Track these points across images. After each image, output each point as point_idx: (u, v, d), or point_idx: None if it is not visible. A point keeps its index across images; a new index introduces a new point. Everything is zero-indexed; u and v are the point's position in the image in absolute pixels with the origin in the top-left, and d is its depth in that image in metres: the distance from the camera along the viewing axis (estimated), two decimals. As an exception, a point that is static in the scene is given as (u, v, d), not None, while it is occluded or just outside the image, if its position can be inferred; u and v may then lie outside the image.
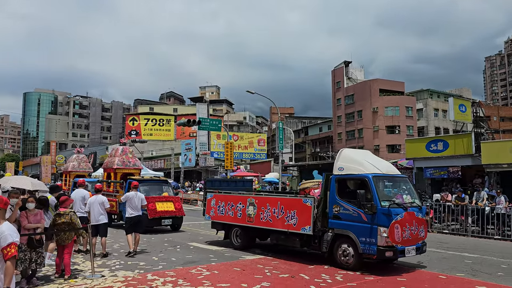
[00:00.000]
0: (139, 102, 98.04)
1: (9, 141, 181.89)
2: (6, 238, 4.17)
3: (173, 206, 15.08)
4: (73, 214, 8.33)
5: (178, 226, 15.50)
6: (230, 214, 11.35)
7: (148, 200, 13.60)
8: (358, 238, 8.57)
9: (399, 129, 54.89)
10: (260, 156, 57.34)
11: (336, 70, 64.51)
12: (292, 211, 9.66)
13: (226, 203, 11.52)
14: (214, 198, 12.08)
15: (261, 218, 10.38)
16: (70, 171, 22.81)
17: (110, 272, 8.48)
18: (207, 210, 12.26)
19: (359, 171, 9.01)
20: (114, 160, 17.46)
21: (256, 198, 10.85)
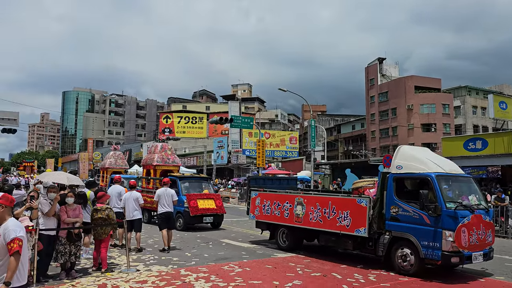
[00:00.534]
0: (173, 100, 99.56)
1: (49, 138, 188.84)
2: (9, 234, 4.25)
3: (214, 204, 14.90)
4: (110, 209, 8.57)
5: (219, 224, 15.28)
6: (277, 213, 10.89)
7: (189, 198, 14.14)
8: (420, 242, 7.98)
9: (435, 127, 53.44)
10: (292, 154, 57.13)
11: (370, 67, 63.41)
12: (345, 212, 9.15)
13: (272, 202, 11.07)
14: (259, 196, 11.66)
15: (310, 218, 9.90)
16: (107, 168, 23.32)
17: (145, 266, 8.67)
18: (252, 209, 11.83)
19: (420, 169, 8.38)
20: (154, 157, 17.40)
21: (304, 197, 10.32)
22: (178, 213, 14.40)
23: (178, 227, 14.21)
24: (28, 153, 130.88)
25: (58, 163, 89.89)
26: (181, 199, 14.21)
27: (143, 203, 10.91)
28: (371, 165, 30.46)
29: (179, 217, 14.51)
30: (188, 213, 14.06)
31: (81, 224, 7.91)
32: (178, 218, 14.47)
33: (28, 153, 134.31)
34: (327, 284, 7.47)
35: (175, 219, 14.11)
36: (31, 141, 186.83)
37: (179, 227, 14.35)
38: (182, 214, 14.38)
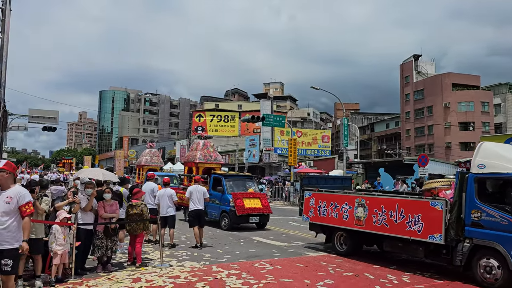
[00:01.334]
0: (205, 99, 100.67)
1: (87, 136, 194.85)
2: (24, 197, 4.85)
3: (260, 203, 14.40)
4: (144, 206, 8.78)
5: (264, 224, 14.74)
6: (334, 215, 10.03)
7: (235, 196, 13.91)
8: (509, 252, 7.00)
9: (474, 125, 51.71)
10: (324, 153, 56.63)
11: (405, 64, 62.01)
12: (416, 216, 8.19)
13: (329, 203, 10.24)
14: (313, 197, 10.81)
15: (374, 221, 8.98)
16: (143, 165, 23.61)
17: (178, 262, 8.82)
18: (305, 210, 10.99)
19: (508, 169, 7.38)
20: (196, 154, 17.00)
21: (367, 198, 9.37)
22: (223, 212, 14.25)
23: (224, 227, 14.07)
24: (67, 151, 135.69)
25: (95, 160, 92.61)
26: (226, 198, 14.17)
27: (177, 200, 11.09)
28: (405, 165, 29.83)
29: (224, 217, 14.24)
30: (234, 213, 13.71)
31: (117, 219, 8.15)
32: (223, 217, 14.28)
33: (67, 150, 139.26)
34: (359, 284, 7.38)
35: (220, 219, 14.23)
36: (70, 139, 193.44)
37: (224, 226, 14.10)
38: (227, 213, 14.03)
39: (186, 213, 14.86)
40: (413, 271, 8.53)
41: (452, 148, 51.10)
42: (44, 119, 30.36)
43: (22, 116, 32.01)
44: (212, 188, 14.90)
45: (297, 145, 31.21)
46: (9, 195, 4.80)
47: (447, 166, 31.31)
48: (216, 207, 14.66)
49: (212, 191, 14.65)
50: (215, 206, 14.68)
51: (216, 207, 14.66)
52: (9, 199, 4.78)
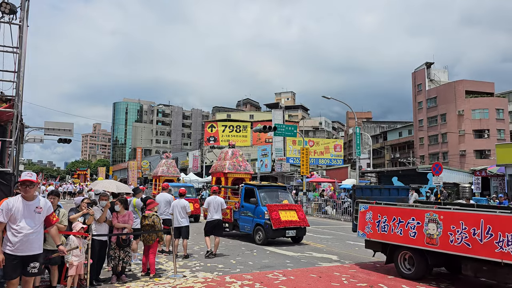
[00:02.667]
0: (217, 109, 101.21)
1: (101, 148, 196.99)
2: (51, 208, 5.44)
3: (296, 216, 13.52)
4: (156, 217, 8.85)
5: (300, 238, 13.82)
6: (398, 232, 8.75)
7: (271, 209, 13.09)
8: None
9: (489, 133, 51.05)
10: (337, 162, 56.34)
11: (417, 72, 61.65)
12: (510, 235, 7.03)
13: (390, 218, 8.99)
14: (370, 210, 9.64)
15: (451, 240, 7.67)
16: (160, 176, 23.53)
17: (191, 272, 8.86)
18: (360, 225, 9.81)
19: None
20: (225, 163, 16.13)
21: (440, 213, 8.04)
22: (257, 225, 13.38)
23: (258, 241, 13.23)
24: (82, 162, 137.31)
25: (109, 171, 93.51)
26: (261, 210, 13.34)
27: (190, 212, 11.15)
28: (419, 173, 29.57)
29: (259, 230, 13.29)
30: (270, 226, 12.82)
31: (130, 229, 8.23)
32: (257, 231, 13.37)
33: (81, 161, 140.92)
34: (373, 294, 7.32)
35: (254, 233, 13.47)
36: (84, 150, 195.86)
37: (259, 241, 13.21)
38: (262, 227, 13.12)
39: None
40: (428, 281, 8.43)
41: (467, 156, 50.46)
42: (59, 131, 30.77)
43: (38, 128, 32.52)
44: (244, 200, 14.21)
45: (309, 155, 31.15)
46: (38, 206, 5.22)
47: (462, 174, 30.94)
48: (249, 220, 13.84)
49: (244, 203, 14.13)
50: (248, 219, 13.90)
51: (249, 220, 13.84)
52: (39, 209, 5.21)
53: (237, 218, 14.41)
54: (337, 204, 25.87)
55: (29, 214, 5.11)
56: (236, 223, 14.50)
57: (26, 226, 5.04)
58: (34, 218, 5.13)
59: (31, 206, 5.14)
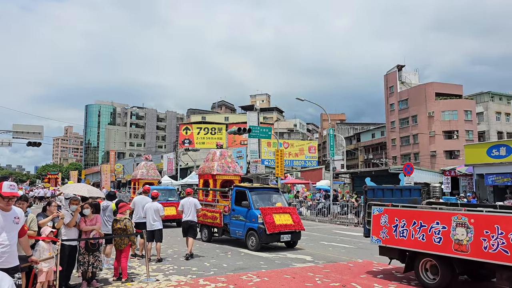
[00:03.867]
0: (192, 112, 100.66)
1: (72, 151, 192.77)
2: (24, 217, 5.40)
3: (291, 219, 12.82)
4: (128, 220, 8.72)
5: (295, 243, 13.20)
6: (419, 237, 7.92)
7: (264, 212, 12.40)
8: None
9: (457, 134, 52.53)
10: (311, 164, 56.86)
11: (389, 74, 62.93)
12: None
13: (410, 222, 8.15)
14: (385, 213, 8.74)
15: (485, 247, 6.87)
16: (139, 179, 22.40)
17: (164, 276, 8.76)
18: (374, 230, 8.92)
19: None
20: (213, 165, 15.26)
21: (471, 216, 7.23)
22: (250, 230, 12.60)
23: (251, 247, 12.48)
24: (53, 166, 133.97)
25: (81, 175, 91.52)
26: (254, 214, 12.57)
27: (163, 215, 11.04)
28: (391, 174, 30.14)
29: (252, 235, 12.53)
30: (264, 231, 12.09)
31: (99, 233, 8.08)
32: (250, 236, 12.60)
33: (52, 165, 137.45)
34: (346, 294, 7.41)
35: (247, 238, 12.72)
36: (56, 154, 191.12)
37: (252, 246, 12.46)
38: (255, 231, 12.36)
39: (202, 232, 14.51)
40: (399, 280, 8.60)
41: (437, 157, 51.78)
42: (28, 134, 29.99)
43: (6, 131, 31.59)
44: (235, 203, 13.45)
45: (284, 156, 31.31)
46: (16, 216, 4.94)
47: (432, 174, 31.70)
48: (241, 224, 13.03)
49: (235, 206, 13.39)
50: (240, 223, 13.10)
51: (241, 224, 13.03)
52: (17, 220, 4.94)
53: (227, 223, 13.60)
54: (311, 205, 26.09)
55: (9, 225, 4.84)
56: (227, 227, 13.70)
57: (7, 238, 4.76)
58: (13, 229, 4.87)
59: (9, 216, 4.88)
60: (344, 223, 22.20)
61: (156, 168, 25.18)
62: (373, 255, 10.79)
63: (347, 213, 23.21)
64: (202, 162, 16.20)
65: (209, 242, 14.05)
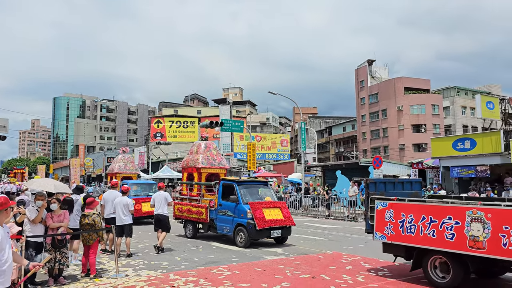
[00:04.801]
0: (164, 105, 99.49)
1: (40, 145, 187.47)
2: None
3: (281, 214, 12.30)
4: (97, 216, 8.57)
5: (285, 238, 12.69)
6: (429, 233, 7.44)
7: (253, 207, 11.87)
8: None
9: (425, 127, 53.91)
10: (283, 157, 57.28)
11: (360, 69, 63.86)
12: None
13: (418, 217, 7.65)
14: (390, 208, 8.23)
15: (504, 243, 6.43)
16: (116, 173, 21.12)
17: (134, 271, 8.68)
18: (378, 226, 8.36)
19: None
20: (198, 157, 14.45)
21: (488, 210, 6.74)
22: (238, 226, 12.06)
23: (240, 243, 11.96)
24: (19, 160, 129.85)
25: (49, 170, 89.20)
26: (243, 209, 11.99)
27: (133, 210, 10.89)
28: (361, 167, 30.68)
29: (240, 231, 11.99)
30: (253, 226, 11.57)
31: (66, 229, 7.92)
32: (239, 232, 12.06)
33: (19, 160, 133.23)
34: (315, 285, 7.53)
35: (235, 234, 12.18)
36: (22, 147, 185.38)
37: (241, 243, 11.94)
38: (245, 227, 11.80)
39: (187, 228, 14.11)
40: (367, 270, 8.80)
41: (406, 150, 53.02)
42: (-8, 127, 28.97)
43: (-32, 125, 30.41)
44: (222, 198, 12.85)
45: (256, 150, 31.40)
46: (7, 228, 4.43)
47: (401, 167, 32.47)
48: (229, 220, 12.46)
49: (222, 201, 12.79)
50: (228, 218, 12.52)
51: (229, 220, 12.46)
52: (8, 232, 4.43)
53: (213, 218, 13.00)
54: (283, 198, 26.31)
55: (7, 239, 4.28)
56: (213, 223, 13.10)
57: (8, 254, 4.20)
58: (8, 243, 4.30)
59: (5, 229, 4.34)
60: (315, 216, 22.50)
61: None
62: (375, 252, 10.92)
63: (318, 205, 23.52)
64: (186, 155, 15.24)
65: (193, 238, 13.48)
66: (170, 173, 39.85)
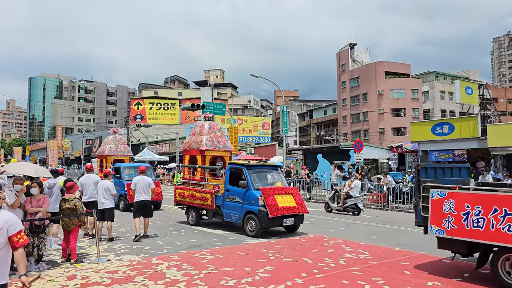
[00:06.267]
0: (144, 86, 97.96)
1: (15, 126, 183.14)
2: (16, 226, 3.93)
3: (293, 201, 11.52)
4: (78, 200, 8.42)
5: (296, 227, 11.95)
6: (503, 229, 6.40)
7: (265, 193, 11.05)
8: None
9: (405, 111, 54.60)
10: (265, 140, 57.36)
11: (341, 52, 63.92)
12: None
13: (489, 209, 6.58)
14: (450, 198, 7.15)
15: None
16: (107, 155, 19.40)
17: (116, 256, 8.59)
18: (434, 218, 7.33)
19: None
20: (201, 139, 13.37)
21: None
22: (249, 213, 11.20)
23: (250, 232, 11.13)
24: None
25: (26, 152, 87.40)
26: (253, 195, 11.12)
27: (115, 193, 10.74)
28: (342, 150, 30.98)
29: (251, 219, 11.14)
30: (266, 214, 10.72)
31: (45, 214, 7.76)
32: (249, 220, 11.20)
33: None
34: (298, 269, 7.59)
35: (245, 222, 11.34)
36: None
37: (251, 232, 11.10)
38: (256, 215, 10.96)
39: (189, 214, 13.29)
40: (349, 253, 8.92)
41: (386, 134, 53.71)
42: (-35, 108, 28.08)
43: None
44: (229, 183, 11.96)
45: (238, 133, 31.31)
46: None
47: (380, 150, 32.89)
48: (238, 206, 11.59)
49: (229, 186, 11.91)
50: (236, 205, 11.64)
51: (238, 206, 11.59)
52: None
53: (220, 205, 12.17)
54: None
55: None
56: (219, 210, 12.26)
57: None
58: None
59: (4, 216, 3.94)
60: (297, 199, 22.64)
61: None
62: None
63: (300, 189, 23.70)
64: (188, 137, 14.31)
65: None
66: (151, 156, 39.48)
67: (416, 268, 7.72)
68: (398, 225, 13.70)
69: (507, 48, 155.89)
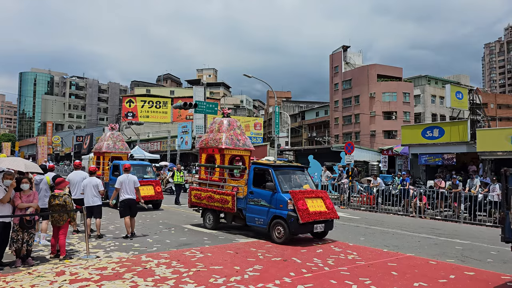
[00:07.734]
0: (136, 84, 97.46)
1: (5, 121, 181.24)
2: None
3: (324, 205, 10.55)
4: (67, 196, 8.39)
5: (325, 233, 10.95)
6: None
7: (295, 196, 10.06)
8: None
9: (396, 115, 54.97)
10: (256, 140, 57.38)
11: (334, 54, 64.19)
12: None
13: None
14: None
15: None
16: (105, 152, 18.74)
17: (105, 253, 8.58)
18: None
19: None
20: (220, 137, 12.31)
21: None
22: (276, 218, 10.18)
23: (277, 239, 10.11)
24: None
25: (15, 147, 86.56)
26: (282, 198, 10.11)
27: (103, 190, 10.69)
28: (333, 152, 31.10)
29: (279, 224, 10.10)
30: (296, 219, 9.76)
31: (35, 209, 7.73)
32: (276, 225, 10.17)
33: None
34: (287, 268, 7.64)
35: (271, 227, 10.31)
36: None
37: (279, 238, 10.07)
38: (285, 220, 9.94)
39: (206, 217, 12.41)
40: (337, 254, 8.99)
41: (377, 136, 54.04)
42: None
43: None
44: (253, 185, 10.98)
45: (230, 133, 31.26)
46: None
47: (371, 153, 33.08)
48: (263, 210, 10.56)
49: (253, 189, 10.92)
50: (262, 209, 10.62)
51: (263, 210, 10.56)
52: None
53: (242, 208, 11.23)
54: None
55: None
56: (240, 214, 11.33)
57: None
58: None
59: None
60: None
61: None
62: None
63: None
64: (205, 134, 13.32)
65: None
66: (142, 154, 39.31)
67: (403, 269, 7.81)
68: (387, 227, 13.83)
69: (498, 54, 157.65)
